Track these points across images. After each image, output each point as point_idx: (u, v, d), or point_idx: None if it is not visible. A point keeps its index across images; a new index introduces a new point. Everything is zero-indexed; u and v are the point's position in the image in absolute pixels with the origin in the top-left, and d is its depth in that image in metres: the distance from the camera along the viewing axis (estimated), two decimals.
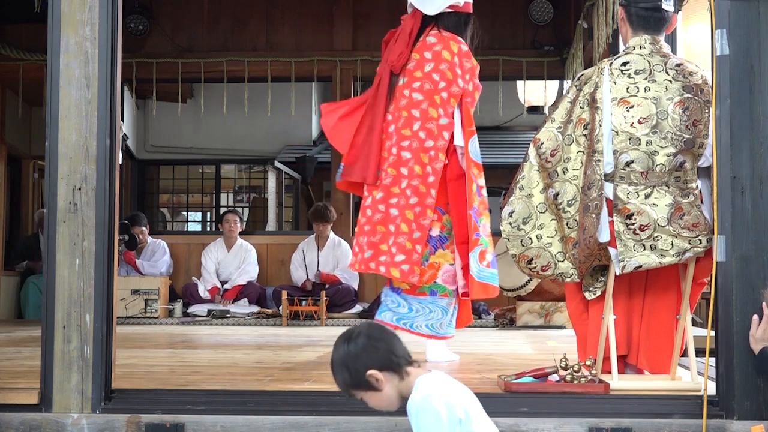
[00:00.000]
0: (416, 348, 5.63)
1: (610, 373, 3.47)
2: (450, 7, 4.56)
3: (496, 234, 4.16)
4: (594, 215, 3.42)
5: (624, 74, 3.49)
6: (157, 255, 8.79)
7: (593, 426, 3.20)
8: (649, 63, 3.50)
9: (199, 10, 9.15)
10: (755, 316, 3.14)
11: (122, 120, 4.03)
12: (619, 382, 3.45)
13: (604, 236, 3.44)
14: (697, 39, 6.11)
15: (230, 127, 11.45)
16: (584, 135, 3.53)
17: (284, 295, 7.73)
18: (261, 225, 12.39)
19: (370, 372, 2.54)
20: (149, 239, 8.88)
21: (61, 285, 3.33)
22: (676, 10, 3.95)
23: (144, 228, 8.87)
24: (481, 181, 4.48)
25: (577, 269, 3.59)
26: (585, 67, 7.19)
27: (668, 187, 3.41)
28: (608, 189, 3.45)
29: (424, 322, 4.64)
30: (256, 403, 3.34)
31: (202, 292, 8.51)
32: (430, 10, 4.55)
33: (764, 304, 3.13)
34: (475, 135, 4.51)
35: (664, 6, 3.59)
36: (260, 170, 12.72)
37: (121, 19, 3.47)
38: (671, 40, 4.14)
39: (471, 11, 4.67)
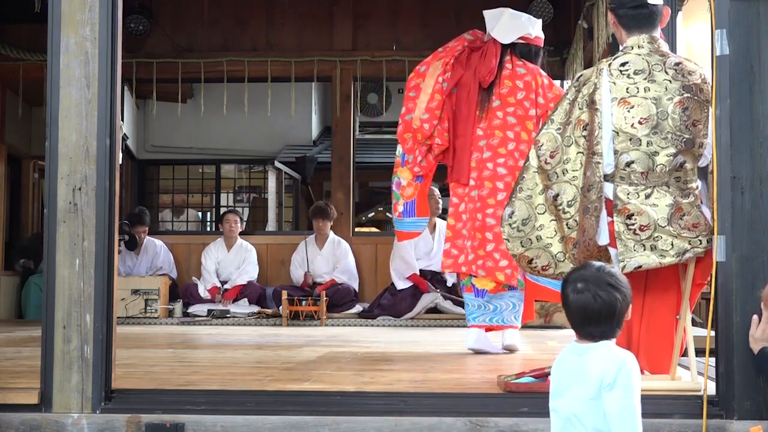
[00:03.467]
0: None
1: None
2: (521, 38, 5.25)
3: None
4: (593, 217, 3.42)
5: (623, 74, 3.49)
6: (161, 256, 8.78)
7: None
8: (648, 63, 3.49)
9: (199, 10, 9.15)
10: (755, 316, 3.14)
11: (122, 120, 4.04)
12: None
13: (603, 239, 3.44)
14: (696, 39, 6.12)
15: (230, 127, 11.44)
16: (583, 136, 3.53)
17: (284, 295, 7.73)
18: (261, 225, 12.39)
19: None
20: (146, 239, 8.86)
21: (61, 285, 3.33)
22: (673, 6, 3.95)
23: (146, 228, 8.86)
24: None
25: None
26: (585, 67, 7.18)
27: (668, 188, 3.41)
28: (608, 189, 3.45)
29: (513, 314, 5.20)
30: (256, 403, 3.34)
31: (202, 292, 8.51)
32: (505, 40, 5.24)
33: (762, 305, 3.13)
34: None
35: (650, 0, 3.58)
36: (260, 170, 12.72)
37: (121, 19, 3.47)
38: (671, 39, 4.13)
39: (541, 45, 5.37)
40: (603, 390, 2.46)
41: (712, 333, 3.37)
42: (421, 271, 8.15)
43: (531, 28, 5.27)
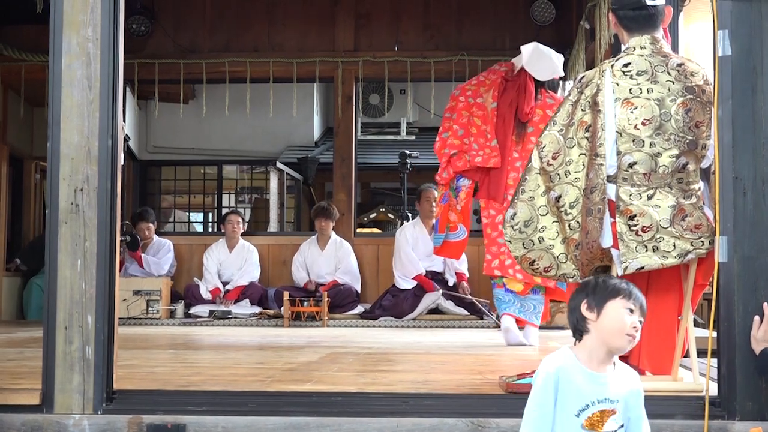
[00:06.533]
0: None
1: None
2: None
3: None
4: (597, 219, 3.42)
5: (626, 75, 3.48)
6: (162, 253, 8.78)
7: None
8: (650, 64, 3.49)
9: (201, 10, 9.15)
10: (756, 317, 3.14)
11: (124, 121, 4.05)
12: None
13: (606, 241, 3.43)
14: (696, 39, 6.12)
15: (232, 127, 11.44)
16: (586, 138, 3.52)
17: (286, 295, 7.73)
18: (263, 226, 12.39)
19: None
20: (155, 237, 8.86)
21: (63, 286, 3.33)
22: (675, 7, 3.94)
23: (151, 225, 8.85)
24: None
25: (580, 270, 3.59)
26: (587, 67, 7.18)
27: (671, 189, 3.40)
28: (610, 190, 3.44)
29: (534, 315, 5.90)
30: (258, 404, 3.34)
31: (204, 293, 8.51)
32: (543, 78, 5.91)
33: (765, 304, 3.13)
34: None
35: (649, 3, 3.57)
36: (262, 171, 12.72)
37: (123, 20, 3.47)
38: (673, 40, 4.13)
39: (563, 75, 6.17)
40: None
41: (714, 334, 3.37)
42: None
43: (560, 66, 5.95)
